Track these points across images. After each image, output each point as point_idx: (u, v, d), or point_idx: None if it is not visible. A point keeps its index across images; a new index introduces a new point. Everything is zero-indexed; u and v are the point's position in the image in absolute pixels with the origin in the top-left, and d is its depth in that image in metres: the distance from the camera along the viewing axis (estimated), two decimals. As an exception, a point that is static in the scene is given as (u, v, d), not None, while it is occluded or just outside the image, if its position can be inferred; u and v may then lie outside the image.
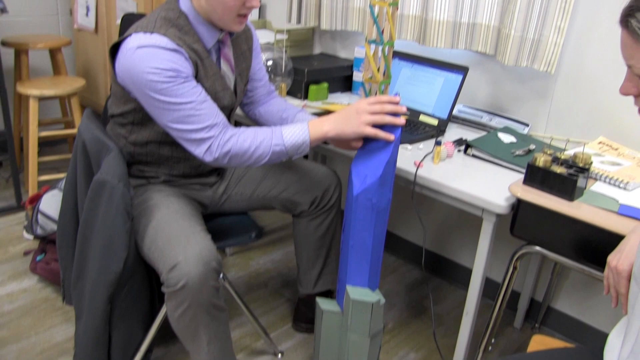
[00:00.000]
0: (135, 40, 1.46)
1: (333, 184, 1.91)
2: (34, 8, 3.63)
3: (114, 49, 1.53)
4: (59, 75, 3.33)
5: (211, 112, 1.51)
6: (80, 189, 1.67)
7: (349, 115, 1.52)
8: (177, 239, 1.52)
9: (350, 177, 1.53)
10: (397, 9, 1.73)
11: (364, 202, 1.50)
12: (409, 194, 1.71)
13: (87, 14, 3.35)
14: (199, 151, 1.53)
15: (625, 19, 1.00)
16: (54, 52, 3.30)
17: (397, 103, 1.51)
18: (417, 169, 1.69)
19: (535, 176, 1.51)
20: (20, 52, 3.17)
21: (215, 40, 1.63)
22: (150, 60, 1.44)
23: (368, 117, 1.50)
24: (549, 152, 1.58)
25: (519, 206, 1.52)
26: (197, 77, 1.56)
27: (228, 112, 1.72)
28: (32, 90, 2.85)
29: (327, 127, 1.54)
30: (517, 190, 1.51)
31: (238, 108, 1.91)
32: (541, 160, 1.51)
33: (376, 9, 1.70)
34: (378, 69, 1.75)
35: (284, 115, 1.85)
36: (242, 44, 1.79)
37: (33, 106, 2.87)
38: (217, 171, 1.86)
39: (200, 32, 1.59)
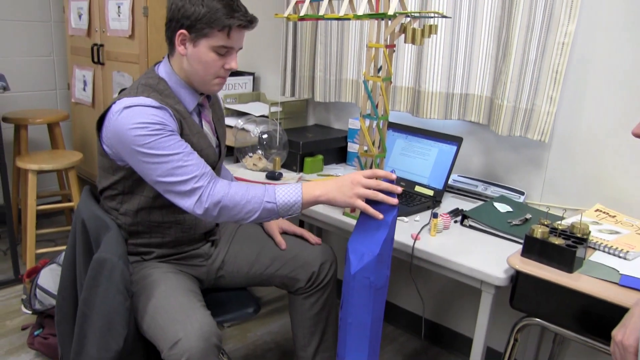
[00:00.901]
0: (121, 104, 1.52)
1: (329, 260, 1.89)
2: (33, 84, 3.73)
3: (101, 122, 1.60)
4: (57, 149, 3.36)
5: (199, 163, 1.54)
6: (79, 265, 1.66)
7: (343, 185, 1.53)
8: (177, 315, 1.51)
9: (347, 255, 1.52)
10: (391, 83, 1.77)
11: (362, 281, 1.49)
12: (407, 264, 1.70)
13: (84, 89, 3.42)
14: (189, 204, 1.52)
15: None
16: (52, 126, 3.35)
17: (393, 180, 1.52)
18: (414, 242, 1.69)
19: (533, 248, 1.51)
20: (19, 127, 3.22)
21: (195, 104, 1.69)
22: (136, 116, 1.49)
23: (362, 191, 1.50)
24: (546, 222, 1.58)
25: (517, 278, 1.51)
26: (182, 134, 1.60)
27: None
28: (30, 164, 2.87)
29: (319, 192, 1.55)
30: (515, 263, 1.50)
31: None
32: (538, 231, 1.50)
33: (370, 84, 1.73)
34: (373, 143, 1.77)
35: None
36: (217, 110, 1.87)
37: (32, 180, 2.89)
38: (208, 235, 1.86)
39: (181, 95, 1.66)
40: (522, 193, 2.07)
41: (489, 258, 1.61)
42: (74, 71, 3.50)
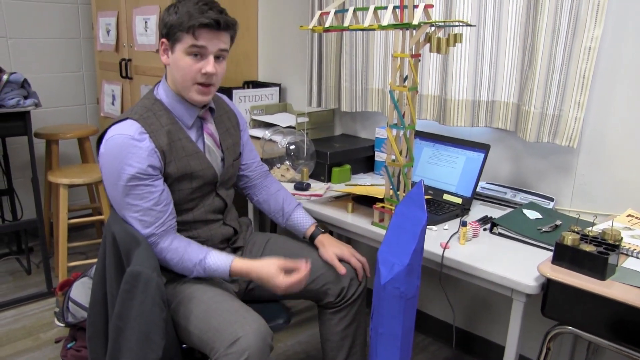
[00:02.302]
0: (110, 132, 1.61)
1: (357, 277, 1.89)
2: (63, 99, 3.82)
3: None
4: (87, 162, 3.42)
5: (152, 222, 1.62)
6: (110, 280, 1.69)
7: (268, 281, 1.64)
8: (233, 316, 1.56)
9: (377, 266, 1.52)
10: (417, 92, 1.77)
11: (392, 291, 1.49)
12: (437, 273, 1.69)
13: (113, 103, 3.47)
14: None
15: None
16: (82, 141, 3.41)
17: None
18: (443, 250, 1.68)
19: (564, 255, 1.49)
20: (51, 142, 3.28)
21: (195, 117, 1.74)
22: (115, 151, 1.58)
23: (284, 290, 1.63)
24: (576, 229, 1.57)
25: (548, 286, 1.50)
26: (166, 161, 1.65)
27: (213, 186, 1.80)
28: (62, 179, 2.93)
29: (252, 275, 1.67)
30: (546, 270, 1.49)
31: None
32: (569, 238, 1.49)
33: (396, 94, 1.74)
34: (400, 152, 1.77)
35: (286, 208, 1.97)
36: (225, 121, 1.89)
37: (63, 194, 2.94)
38: (230, 242, 1.89)
39: (178, 111, 1.71)
40: (551, 199, 2.06)
41: (520, 266, 1.60)
42: (103, 86, 3.56)
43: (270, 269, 1.63)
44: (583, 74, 1.88)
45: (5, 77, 2.69)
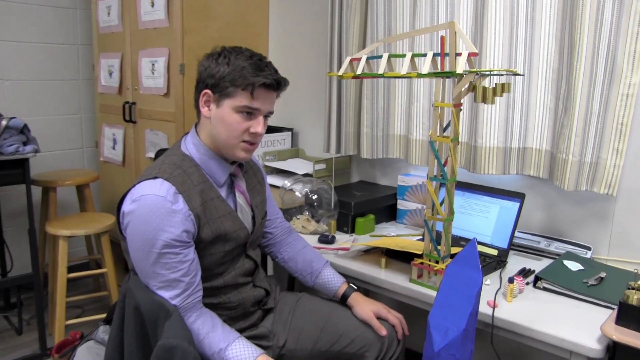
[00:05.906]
0: (139, 191, 1.45)
1: (396, 336, 1.78)
2: (60, 143, 3.72)
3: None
4: (85, 211, 3.27)
5: (178, 294, 1.46)
6: (129, 351, 1.54)
7: None
8: None
9: (428, 331, 1.41)
10: (459, 143, 1.69)
11: (447, 358, 1.38)
12: (485, 333, 1.59)
13: (113, 147, 3.36)
14: None
15: None
16: (81, 188, 3.27)
17: None
18: (493, 310, 1.58)
19: (630, 316, 1.40)
20: (48, 189, 3.13)
21: (227, 174, 1.61)
22: (145, 215, 1.42)
23: None
24: (636, 285, 1.48)
25: (615, 350, 1.40)
26: (200, 224, 1.50)
27: (243, 247, 1.67)
28: (62, 230, 2.77)
29: None
30: (611, 333, 1.39)
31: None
32: (634, 298, 1.40)
33: (436, 144, 1.65)
34: (441, 204, 1.68)
35: (314, 267, 1.85)
36: (252, 177, 1.77)
37: (62, 246, 2.78)
38: (262, 304, 1.76)
39: (210, 168, 1.58)
40: (588, 248, 1.98)
41: (576, 325, 1.51)
42: (103, 129, 3.44)
43: None
44: (621, 120, 1.84)
45: (4, 122, 2.56)
